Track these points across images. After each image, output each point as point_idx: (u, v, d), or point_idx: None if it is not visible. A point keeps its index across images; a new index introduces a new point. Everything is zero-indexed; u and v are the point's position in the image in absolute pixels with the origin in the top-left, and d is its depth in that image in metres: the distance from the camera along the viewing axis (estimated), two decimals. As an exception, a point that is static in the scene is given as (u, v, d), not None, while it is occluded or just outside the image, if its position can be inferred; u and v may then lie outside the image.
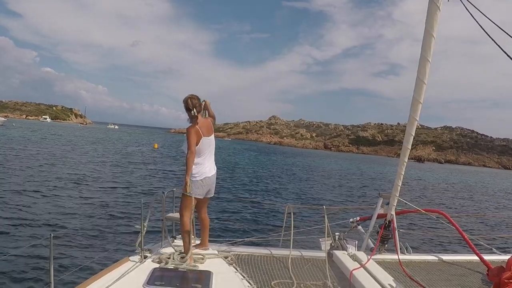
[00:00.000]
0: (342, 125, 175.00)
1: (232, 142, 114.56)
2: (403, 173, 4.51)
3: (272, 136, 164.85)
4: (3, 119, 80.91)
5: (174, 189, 4.46)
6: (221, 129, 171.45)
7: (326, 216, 4.61)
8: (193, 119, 4.00)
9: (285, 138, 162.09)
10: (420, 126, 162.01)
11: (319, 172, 36.71)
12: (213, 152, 4.18)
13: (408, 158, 4.41)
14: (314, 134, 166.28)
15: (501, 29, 3.20)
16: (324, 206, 4.80)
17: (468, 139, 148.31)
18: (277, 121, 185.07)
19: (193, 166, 3.94)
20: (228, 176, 24.25)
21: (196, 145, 3.95)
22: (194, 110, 3.97)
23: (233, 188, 19.74)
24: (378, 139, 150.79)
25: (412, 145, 4.49)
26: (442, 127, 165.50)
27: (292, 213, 4.45)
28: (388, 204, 4.80)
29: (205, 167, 4.03)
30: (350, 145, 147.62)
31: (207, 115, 4.22)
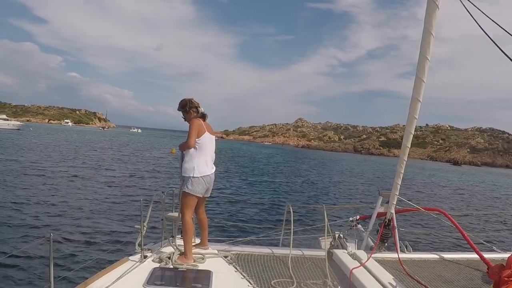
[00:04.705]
0: (370, 127, 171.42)
1: (260, 147, 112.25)
2: (402, 171, 4.48)
3: (299, 139, 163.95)
4: (19, 123, 79.78)
5: (174, 188, 4.44)
6: (246, 132, 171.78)
7: (326, 215, 4.59)
8: (198, 117, 4.02)
9: (312, 141, 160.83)
10: (449, 127, 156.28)
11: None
12: (214, 151, 4.15)
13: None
14: (342, 137, 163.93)
15: (502, 28, 3.12)
16: (324, 205, 4.77)
17: (501, 140, 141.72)
18: (303, 123, 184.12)
19: (195, 163, 3.90)
20: (230, 177, 24.00)
21: (198, 138, 3.92)
22: (201, 107, 4.03)
23: (233, 188, 19.65)
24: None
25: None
26: (472, 128, 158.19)
27: (292, 212, 4.41)
28: (388, 202, 4.77)
29: (206, 164, 3.99)
30: (381, 147, 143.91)
31: None
